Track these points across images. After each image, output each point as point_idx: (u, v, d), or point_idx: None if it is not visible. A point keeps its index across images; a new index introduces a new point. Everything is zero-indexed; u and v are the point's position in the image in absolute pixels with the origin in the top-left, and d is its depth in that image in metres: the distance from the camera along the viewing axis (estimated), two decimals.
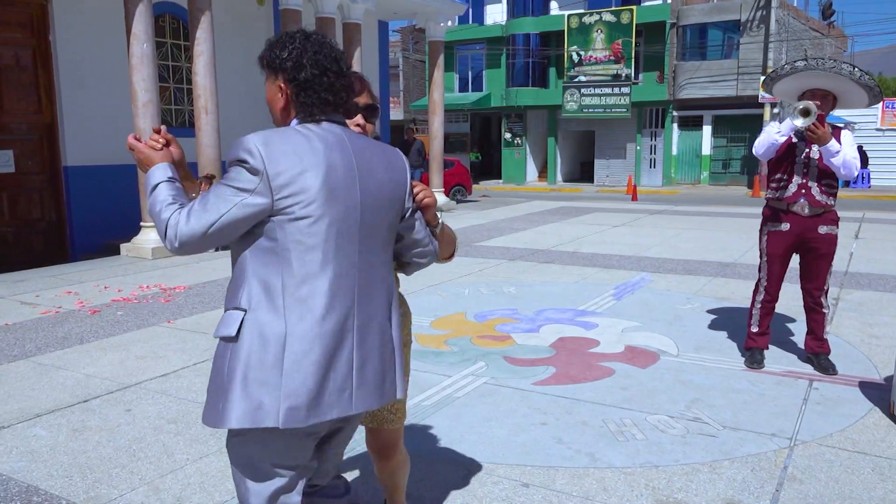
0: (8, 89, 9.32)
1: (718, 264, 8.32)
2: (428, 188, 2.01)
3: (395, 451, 2.33)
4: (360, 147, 1.80)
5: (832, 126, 4.23)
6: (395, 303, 1.91)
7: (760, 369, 4.44)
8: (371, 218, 1.78)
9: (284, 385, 1.67)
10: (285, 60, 1.77)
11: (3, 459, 3.28)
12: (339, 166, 1.73)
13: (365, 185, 1.76)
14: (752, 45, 24.07)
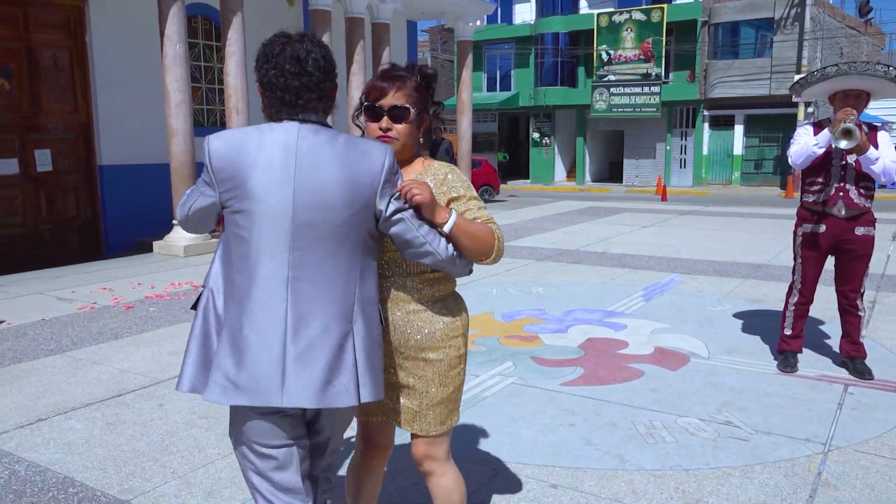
0: (46, 90, 9.53)
1: (750, 266, 8.20)
2: (421, 185, 1.90)
3: (426, 462, 2.14)
4: (312, 146, 1.82)
5: (868, 126, 4.15)
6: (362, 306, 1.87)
7: (794, 373, 4.37)
8: (306, 216, 1.79)
9: (213, 361, 1.82)
10: (256, 65, 1.89)
11: (40, 451, 3.35)
12: (276, 164, 1.79)
13: (302, 184, 1.79)
14: (786, 43, 23.66)
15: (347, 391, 1.81)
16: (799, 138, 4.24)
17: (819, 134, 4.11)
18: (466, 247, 1.96)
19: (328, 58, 1.89)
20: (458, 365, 2.12)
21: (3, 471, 3.15)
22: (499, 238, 2.01)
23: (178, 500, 2.88)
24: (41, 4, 9.38)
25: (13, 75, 9.18)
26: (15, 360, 4.80)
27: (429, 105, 2.10)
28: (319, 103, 1.87)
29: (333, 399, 1.80)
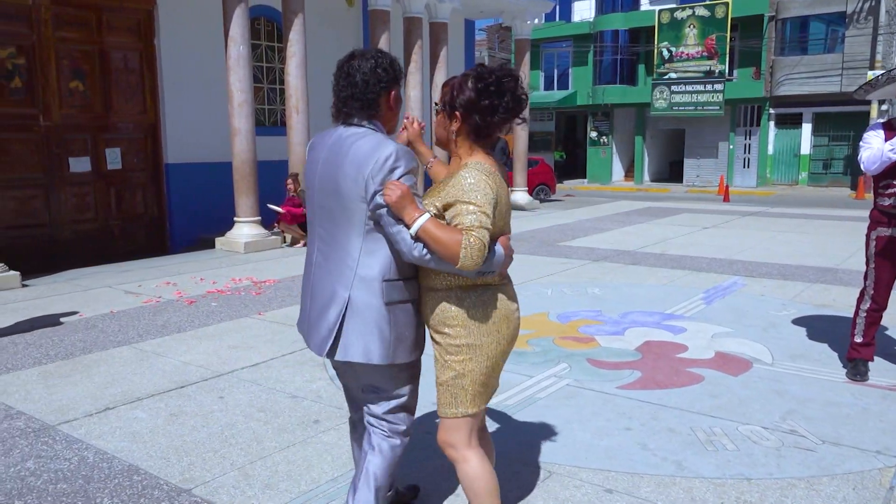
0: (117, 91, 9.91)
1: (818, 269, 7.90)
2: (396, 186, 2.07)
3: (445, 449, 2.27)
4: (336, 143, 2.24)
5: None
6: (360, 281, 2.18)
7: (864, 382, 4.18)
8: (322, 201, 2.25)
9: None
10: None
11: (107, 439, 3.48)
12: (319, 159, 2.28)
13: (322, 175, 2.24)
14: (859, 38, 22.69)
15: (336, 347, 2.21)
16: (870, 142, 4.05)
17: (894, 139, 3.92)
18: (433, 250, 2.07)
19: (376, 71, 2.19)
20: (459, 354, 2.19)
21: (73, 456, 3.28)
22: (467, 247, 2.01)
23: (236, 490, 2.95)
24: (113, 8, 9.75)
25: (87, 77, 9.58)
26: (85, 351, 5.00)
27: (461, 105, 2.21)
28: (363, 111, 2.22)
29: (329, 353, 2.23)
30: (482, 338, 2.20)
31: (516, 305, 2.32)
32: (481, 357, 2.21)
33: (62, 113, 9.32)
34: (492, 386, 2.30)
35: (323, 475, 3.08)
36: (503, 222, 2.22)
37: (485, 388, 2.26)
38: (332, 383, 4.25)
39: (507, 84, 2.16)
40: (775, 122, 25.02)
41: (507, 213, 2.24)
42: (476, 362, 2.21)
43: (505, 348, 2.28)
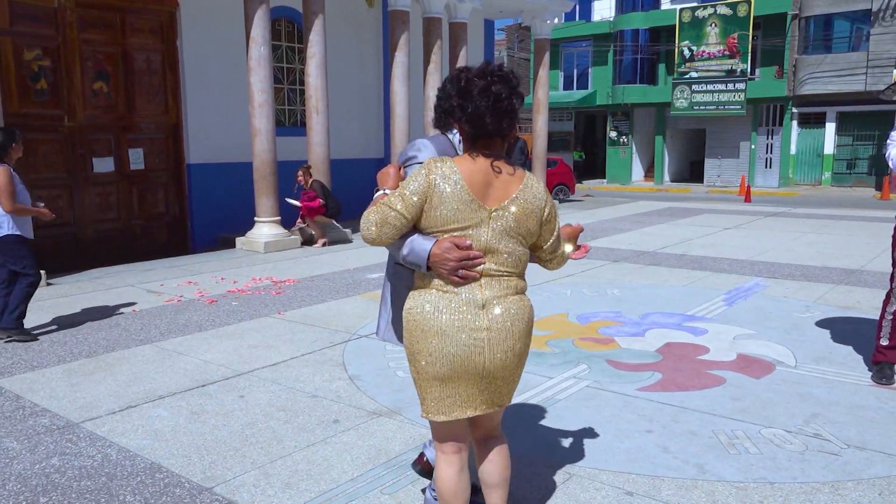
0: (140, 92, 10.02)
1: (842, 271, 7.79)
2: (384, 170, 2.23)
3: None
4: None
5: None
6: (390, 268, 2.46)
7: (890, 385, 4.12)
8: None
9: None
10: None
11: (130, 437, 3.52)
12: None
13: None
14: (885, 35, 22.33)
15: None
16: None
17: None
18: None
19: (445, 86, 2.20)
20: (409, 357, 2.22)
21: (96, 454, 3.32)
22: (363, 216, 2.17)
23: (256, 489, 2.97)
24: (136, 10, 9.86)
25: (110, 78, 9.69)
26: (109, 349, 5.06)
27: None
28: (440, 121, 2.29)
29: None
30: (413, 345, 2.16)
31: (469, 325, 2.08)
32: (416, 367, 2.18)
33: (86, 114, 9.45)
34: (451, 402, 2.14)
35: (343, 475, 3.09)
36: (445, 219, 2.07)
37: (438, 403, 2.15)
38: (352, 383, 4.26)
39: (476, 84, 2.08)
40: (798, 122, 24.71)
41: (456, 212, 2.07)
42: (415, 370, 2.20)
43: (433, 368, 2.11)
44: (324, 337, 5.30)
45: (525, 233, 2.17)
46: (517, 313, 2.15)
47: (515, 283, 2.18)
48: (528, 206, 2.15)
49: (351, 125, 13.36)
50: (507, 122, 2.14)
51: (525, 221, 2.15)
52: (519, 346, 2.18)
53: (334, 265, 8.56)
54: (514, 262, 2.16)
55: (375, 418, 3.71)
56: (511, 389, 2.27)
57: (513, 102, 2.12)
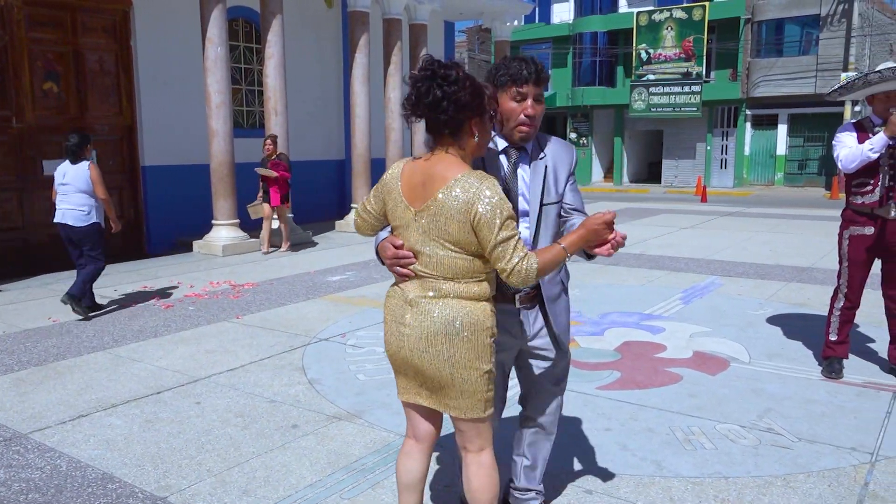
0: (92, 93, 9.77)
1: (794, 269, 7.99)
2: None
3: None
4: None
5: None
6: None
7: (839, 379, 4.23)
8: None
9: None
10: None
11: (81, 447, 3.42)
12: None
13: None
14: (833, 40, 23.03)
15: None
16: (845, 141, 4.10)
17: (874, 138, 3.96)
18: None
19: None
20: None
21: (45, 465, 3.22)
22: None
23: (213, 498, 2.91)
24: (88, 9, 9.62)
25: (61, 78, 9.43)
26: (59, 357, 4.92)
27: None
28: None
29: None
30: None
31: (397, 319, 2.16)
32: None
33: (36, 115, 9.18)
34: (400, 385, 2.26)
35: (302, 480, 3.05)
36: (390, 217, 2.20)
37: (397, 383, 2.29)
38: (312, 387, 4.22)
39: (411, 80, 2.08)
40: (752, 123, 25.31)
41: (393, 211, 2.16)
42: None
43: (388, 354, 2.25)
44: (283, 341, 5.24)
45: (447, 237, 2.05)
46: (436, 317, 2.08)
47: (446, 287, 2.09)
48: (445, 208, 2.03)
49: (311, 127, 13.25)
50: (441, 116, 2.04)
51: (444, 225, 2.04)
52: (446, 350, 2.09)
53: (295, 268, 8.47)
54: (437, 266, 2.08)
55: (335, 422, 3.68)
56: (460, 399, 2.13)
57: (435, 93, 2.01)
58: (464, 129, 2.09)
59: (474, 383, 2.12)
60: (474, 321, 2.09)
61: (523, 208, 2.35)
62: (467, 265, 2.08)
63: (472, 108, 2.07)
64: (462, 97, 2.04)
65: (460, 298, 2.10)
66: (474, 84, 2.07)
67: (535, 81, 2.25)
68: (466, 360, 2.10)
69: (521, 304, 2.40)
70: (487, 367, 2.13)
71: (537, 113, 2.28)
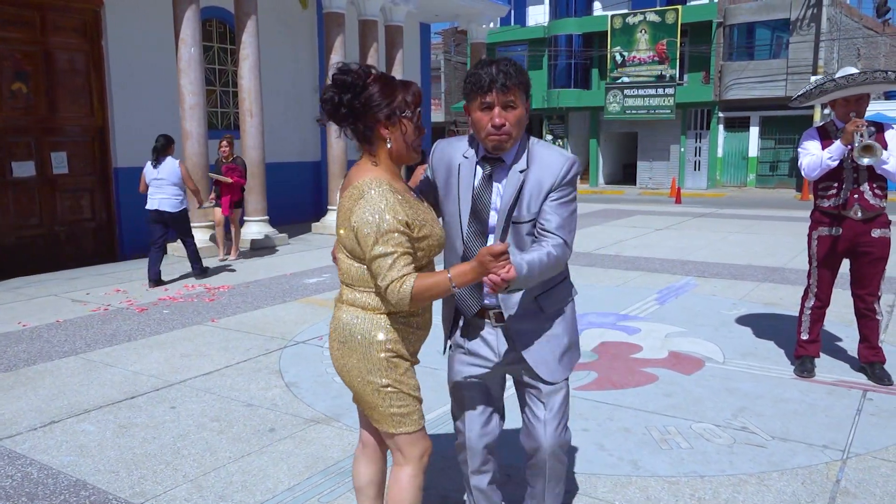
0: (62, 93, 9.61)
1: (766, 269, 8.11)
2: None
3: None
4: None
5: (875, 126, 4.08)
6: None
7: (811, 378, 4.31)
8: None
9: None
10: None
11: (53, 454, 3.36)
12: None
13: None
14: (803, 44, 23.44)
15: None
16: (808, 148, 4.20)
17: (832, 147, 4.06)
18: None
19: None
20: None
21: (16, 473, 3.16)
22: None
23: (189, 503, 2.87)
24: (58, 8, 9.46)
25: (30, 78, 9.27)
26: (30, 362, 4.83)
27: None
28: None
29: None
30: None
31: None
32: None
33: (3, 116, 9.00)
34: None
35: (279, 484, 3.02)
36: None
37: None
38: (289, 391, 4.19)
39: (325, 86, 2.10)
40: (724, 126, 25.67)
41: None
42: None
43: None
44: (259, 344, 5.19)
45: (342, 241, 2.05)
46: (338, 323, 2.09)
47: (347, 293, 2.09)
48: (340, 214, 2.05)
49: (286, 128, 13.16)
50: (342, 123, 2.02)
51: (339, 230, 2.06)
52: (341, 358, 2.08)
53: (271, 271, 8.41)
54: (343, 273, 2.10)
55: (313, 426, 3.65)
56: (370, 411, 2.10)
57: (335, 102, 1.98)
58: (374, 135, 2.02)
59: (371, 396, 2.05)
60: (363, 332, 2.02)
61: (491, 223, 2.16)
62: (360, 273, 2.04)
63: (371, 114, 1.98)
64: (357, 103, 1.98)
65: (355, 306, 2.06)
66: (379, 88, 1.98)
67: (501, 88, 2.03)
68: (357, 371, 2.04)
69: (496, 322, 2.22)
70: (384, 382, 2.03)
71: (508, 121, 2.06)
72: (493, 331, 2.23)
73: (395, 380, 2.05)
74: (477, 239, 2.15)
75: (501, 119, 2.06)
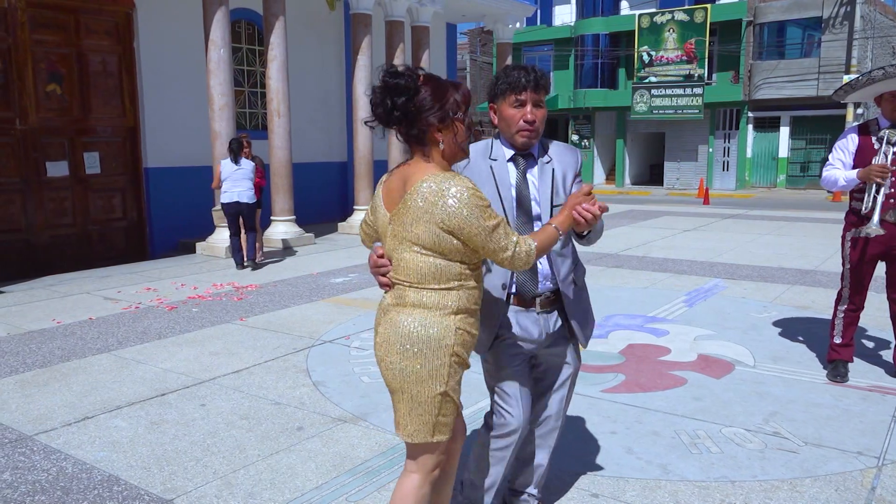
0: (95, 94, 9.79)
1: (797, 271, 7.98)
2: None
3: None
4: None
5: None
6: None
7: (844, 383, 4.23)
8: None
9: None
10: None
11: (86, 449, 3.42)
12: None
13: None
14: (835, 42, 23.03)
15: None
16: (836, 159, 4.20)
17: (850, 175, 4.06)
18: None
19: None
20: None
21: (51, 467, 3.22)
22: None
23: (219, 500, 2.91)
24: (91, 11, 9.63)
25: (64, 80, 9.45)
26: (63, 359, 4.92)
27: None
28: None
29: None
30: None
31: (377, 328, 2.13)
32: None
33: (39, 117, 9.19)
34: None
35: (307, 483, 3.05)
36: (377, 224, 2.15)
37: None
38: (316, 389, 4.22)
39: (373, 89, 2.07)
40: (754, 126, 25.31)
41: (375, 220, 2.16)
42: None
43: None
44: (287, 343, 5.24)
45: (414, 239, 1.98)
46: (399, 328, 2.01)
47: (411, 295, 2.01)
48: (411, 210, 1.97)
49: (313, 129, 13.26)
50: (389, 124, 2.02)
51: (411, 227, 1.98)
52: (399, 364, 2.01)
53: (298, 270, 8.48)
54: (406, 272, 2.02)
55: (340, 425, 3.68)
56: (407, 418, 2.04)
57: (386, 104, 1.98)
58: (428, 138, 2.02)
59: (426, 403, 2.01)
60: (434, 336, 1.99)
61: (536, 212, 2.39)
62: (433, 269, 1.99)
63: (427, 117, 1.99)
64: (411, 107, 1.98)
65: (423, 308, 2.00)
66: (430, 92, 1.99)
67: (534, 88, 2.31)
68: (417, 376, 1.99)
69: (541, 309, 2.43)
70: (442, 389, 2.01)
71: (537, 118, 2.32)
72: (537, 317, 2.44)
73: (451, 387, 2.04)
74: (525, 227, 2.37)
75: (533, 115, 2.32)
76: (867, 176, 3.93)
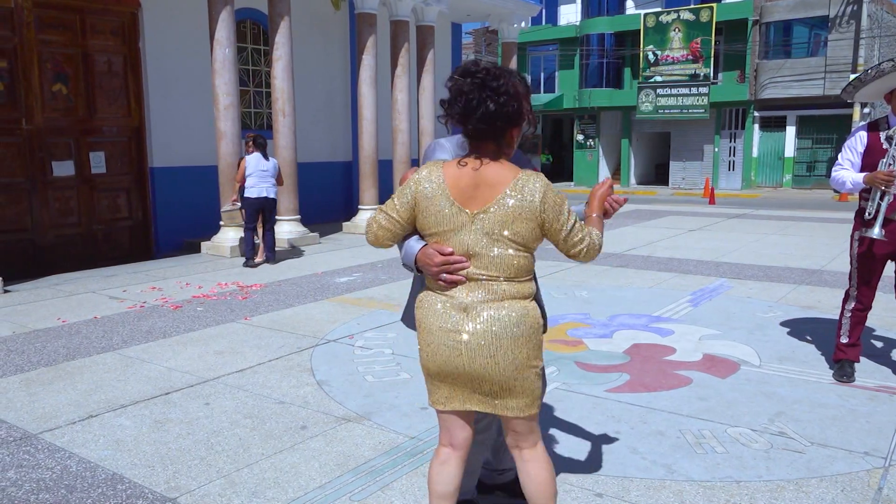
0: (101, 94, 9.80)
1: (803, 271, 7.95)
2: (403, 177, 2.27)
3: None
4: None
5: None
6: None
7: (851, 383, 4.20)
8: None
9: None
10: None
11: (91, 447, 3.43)
12: None
13: None
14: (842, 42, 22.93)
15: None
16: (844, 158, 4.18)
17: (857, 178, 4.04)
18: None
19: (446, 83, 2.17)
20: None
21: (55, 466, 3.23)
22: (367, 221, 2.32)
23: (222, 499, 2.91)
24: (97, 11, 9.65)
25: (70, 80, 9.47)
26: (69, 357, 4.93)
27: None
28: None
29: None
30: (417, 336, 2.24)
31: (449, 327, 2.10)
32: (419, 356, 2.25)
33: (45, 116, 9.21)
34: (442, 394, 2.19)
35: (311, 482, 3.04)
36: (429, 223, 2.12)
37: (434, 393, 2.23)
38: (320, 388, 4.21)
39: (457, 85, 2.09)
40: (760, 125, 25.22)
41: (438, 216, 2.10)
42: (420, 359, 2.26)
43: (424, 362, 2.18)
44: (291, 342, 5.24)
45: (514, 236, 2.06)
46: (506, 319, 2.07)
47: (507, 287, 2.09)
48: (512, 208, 2.05)
49: (318, 128, 13.27)
50: (486, 124, 2.05)
51: (512, 224, 2.05)
52: (511, 352, 2.08)
53: (302, 269, 8.48)
54: (501, 267, 2.07)
55: (344, 424, 3.67)
56: (518, 399, 2.14)
57: (488, 106, 2.02)
58: (507, 137, 2.13)
59: (532, 381, 2.15)
60: (532, 320, 2.13)
61: None
62: (525, 263, 2.13)
63: (518, 118, 2.10)
64: (510, 109, 2.06)
65: (519, 298, 2.12)
66: (519, 91, 2.09)
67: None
68: (526, 359, 2.12)
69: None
70: (542, 364, 2.20)
71: None
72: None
73: (543, 360, 2.22)
74: None
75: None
76: (872, 182, 3.90)
